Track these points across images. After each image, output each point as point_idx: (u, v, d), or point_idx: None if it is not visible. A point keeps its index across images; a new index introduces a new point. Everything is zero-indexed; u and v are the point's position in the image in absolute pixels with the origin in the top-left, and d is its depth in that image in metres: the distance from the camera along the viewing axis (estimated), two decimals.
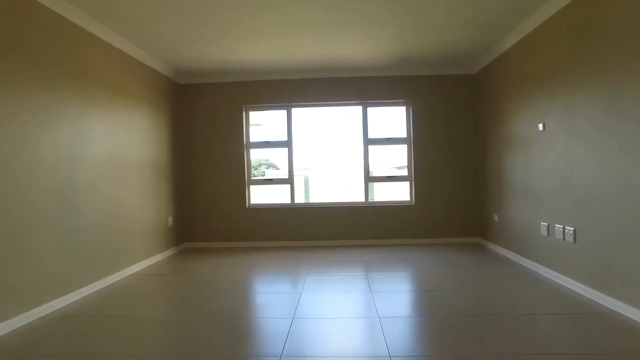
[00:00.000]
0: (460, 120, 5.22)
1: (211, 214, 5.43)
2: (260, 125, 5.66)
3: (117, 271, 3.80)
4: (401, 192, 5.40)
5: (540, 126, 3.54)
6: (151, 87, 4.55)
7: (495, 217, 4.62)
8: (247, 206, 5.41)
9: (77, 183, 3.27)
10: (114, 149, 3.80)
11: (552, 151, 3.40)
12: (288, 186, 5.45)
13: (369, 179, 5.38)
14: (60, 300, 3.03)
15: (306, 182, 5.78)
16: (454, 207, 5.24)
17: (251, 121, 5.54)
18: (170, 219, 4.97)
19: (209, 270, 4.06)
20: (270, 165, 5.86)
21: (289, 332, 2.43)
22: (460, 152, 5.23)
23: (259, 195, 5.59)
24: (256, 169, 5.76)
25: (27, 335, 2.48)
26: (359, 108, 5.37)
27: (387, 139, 5.37)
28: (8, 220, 2.59)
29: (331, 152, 5.63)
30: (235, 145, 5.39)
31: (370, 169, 5.40)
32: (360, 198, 5.41)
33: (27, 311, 2.71)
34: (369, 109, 5.36)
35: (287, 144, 5.44)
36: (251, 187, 5.52)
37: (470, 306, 2.80)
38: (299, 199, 5.57)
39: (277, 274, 3.85)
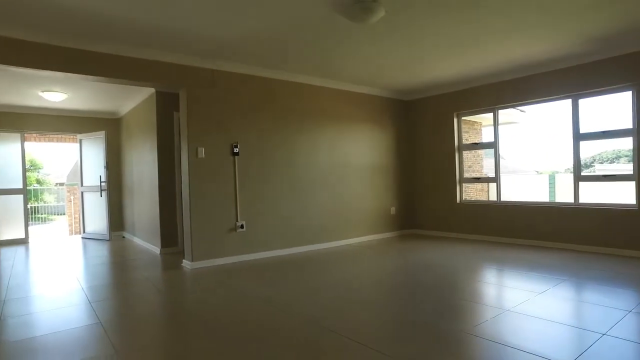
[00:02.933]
0: None
1: (427, 206, 6.52)
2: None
3: (343, 239, 5.73)
4: (619, 193, 4.60)
5: None
6: (372, 108, 6.22)
7: None
8: (457, 201, 6.13)
9: (315, 179, 5.42)
10: (339, 156, 5.75)
11: None
12: (494, 185, 5.75)
13: (580, 177, 4.90)
14: (304, 248, 5.25)
15: (512, 181, 5.80)
16: None
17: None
18: (393, 209, 6.48)
19: (413, 249, 5.33)
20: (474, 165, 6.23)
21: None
22: None
23: (470, 192, 6.15)
24: (470, 166, 6.32)
25: (294, 257, 4.73)
26: (568, 102, 4.98)
27: (604, 132, 4.71)
28: (304, 194, 5.00)
29: (540, 150, 5.44)
30: (448, 147, 6.22)
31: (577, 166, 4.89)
32: (569, 199, 5.01)
33: (300, 246, 5.05)
34: (581, 101, 4.88)
35: (494, 145, 5.75)
36: (463, 184, 6.17)
37: None
38: (508, 197, 5.73)
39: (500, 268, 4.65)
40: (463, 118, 6.20)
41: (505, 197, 5.71)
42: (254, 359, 2.14)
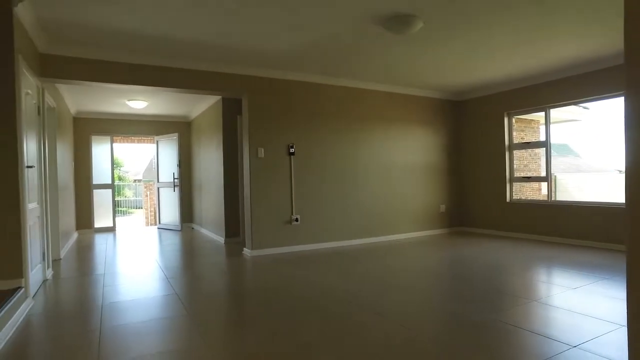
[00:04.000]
0: None
1: (477, 205, 6.59)
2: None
3: (391, 234, 6.03)
4: None
5: None
6: (422, 109, 6.43)
7: None
8: (507, 200, 6.16)
9: (365, 176, 5.79)
10: (389, 155, 6.05)
11: None
12: (545, 184, 5.73)
13: None
14: (354, 241, 5.64)
15: (560, 181, 5.72)
16: None
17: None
18: (442, 207, 6.64)
19: (460, 245, 5.53)
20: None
21: None
22: None
23: (525, 191, 6.15)
24: (526, 165, 6.30)
25: (344, 249, 5.16)
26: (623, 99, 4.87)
27: None
28: (355, 191, 5.43)
29: (595, 150, 5.34)
30: (498, 146, 6.26)
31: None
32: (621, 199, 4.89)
33: (351, 239, 5.48)
34: None
35: (544, 144, 5.72)
36: (513, 183, 6.19)
37: None
38: (561, 196, 5.68)
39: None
40: (518, 117, 6.21)
41: (578, 197, 5.65)
42: (295, 326, 2.57)
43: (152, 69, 4.45)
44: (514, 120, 6.25)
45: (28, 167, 3.21)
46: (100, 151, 7.78)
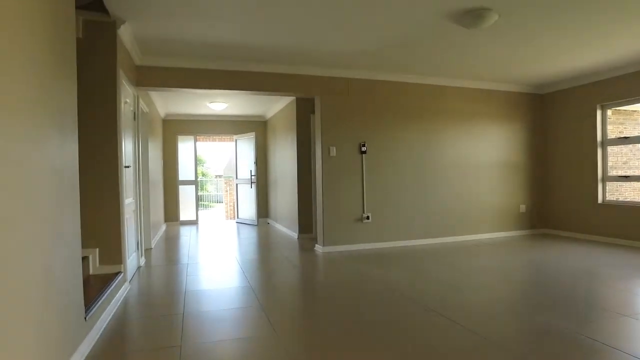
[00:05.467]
0: None
1: (562, 205, 6.08)
2: None
3: (466, 235, 5.81)
4: None
5: None
6: (501, 104, 6.07)
7: None
8: (599, 201, 5.61)
9: (438, 175, 5.66)
10: (463, 153, 5.82)
11: None
12: None
13: None
14: (426, 240, 5.55)
15: None
16: None
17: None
18: (522, 207, 6.23)
19: (540, 249, 5.20)
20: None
21: None
22: None
23: (623, 191, 5.56)
24: (625, 162, 5.68)
25: (415, 249, 5.14)
26: None
27: None
28: (427, 189, 5.41)
29: None
30: (589, 142, 5.71)
31: None
32: None
33: (422, 239, 5.44)
34: None
35: None
36: (607, 183, 5.61)
37: None
38: None
39: None
40: (616, 108, 5.62)
41: None
42: (361, 322, 2.62)
43: (231, 74, 4.74)
44: (609, 112, 5.65)
45: (125, 167, 3.63)
46: (185, 150, 8.46)
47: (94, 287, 2.90)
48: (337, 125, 5.21)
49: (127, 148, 3.81)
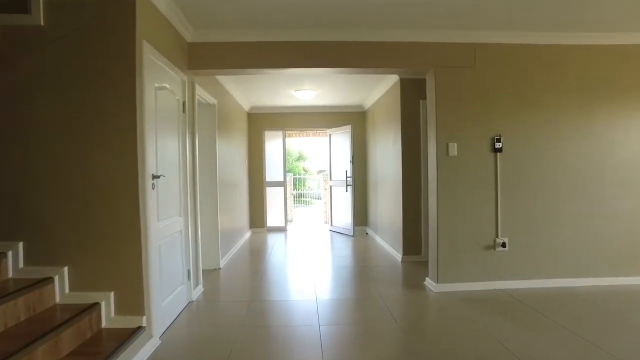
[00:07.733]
0: None
1: None
2: None
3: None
4: None
5: None
6: None
7: None
8: None
9: (613, 183, 3.73)
10: None
11: None
12: None
13: None
14: (597, 280, 3.69)
15: None
16: None
17: None
18: None
19: None
20: None
21: None
22: None
23: None
24: None
25: (573, 291, 3.41)
26: None
27: None
28: (594, 205, 3.67)
29: None
30: None
31: None
32: None
33: (584, 277, 3.67)
34: None
35: None
36: None
37: None
38: None
39: None
40: None
41: None
42: None
43: (303, 46, 3.50)
44: None
45: (155, 176, 2.61)
46: (274, 146, 7.52)
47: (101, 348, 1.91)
48: (459, 113, 3.63)
49: (163, 150, 2.79)
